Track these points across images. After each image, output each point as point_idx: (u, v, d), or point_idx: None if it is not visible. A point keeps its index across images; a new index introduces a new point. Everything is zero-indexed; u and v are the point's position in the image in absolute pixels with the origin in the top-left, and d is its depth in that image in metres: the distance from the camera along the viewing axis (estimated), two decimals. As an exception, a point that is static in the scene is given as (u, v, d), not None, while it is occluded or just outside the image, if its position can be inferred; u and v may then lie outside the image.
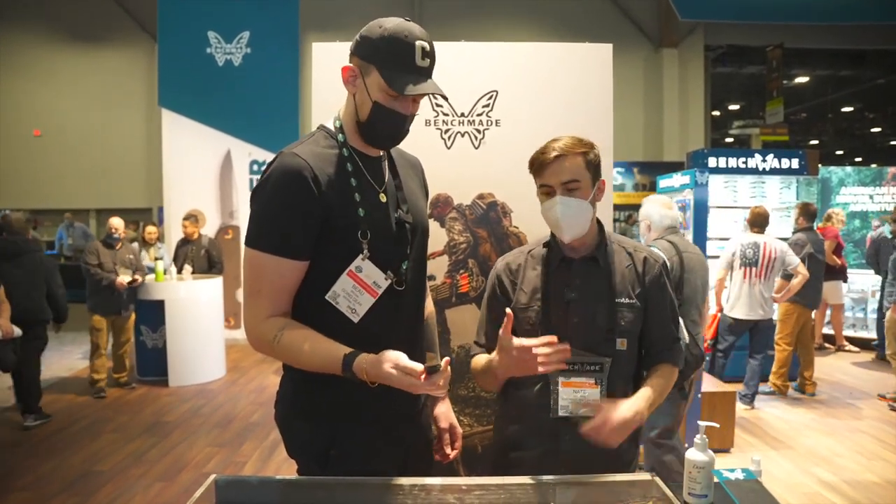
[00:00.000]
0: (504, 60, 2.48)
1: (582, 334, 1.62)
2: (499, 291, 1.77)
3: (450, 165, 2.44)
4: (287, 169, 1.40)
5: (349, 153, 1.49)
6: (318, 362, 1.39)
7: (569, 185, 1.58)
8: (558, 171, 1.59)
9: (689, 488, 1.39)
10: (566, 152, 1.58)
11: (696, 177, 4.31)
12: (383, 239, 1.47)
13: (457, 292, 2.47)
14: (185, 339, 6.30)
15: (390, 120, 1.44)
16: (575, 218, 1.59)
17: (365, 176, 1.49)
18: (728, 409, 4.42)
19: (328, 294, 1.45)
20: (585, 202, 1.60)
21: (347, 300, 1.45)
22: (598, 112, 2.49)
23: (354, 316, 1.46)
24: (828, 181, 7.74)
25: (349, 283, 1.44)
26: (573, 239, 1.63)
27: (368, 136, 1.49)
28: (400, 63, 1.39)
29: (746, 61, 14.59)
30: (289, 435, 1.56)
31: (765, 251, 5.17)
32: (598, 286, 1.66)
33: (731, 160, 6.52)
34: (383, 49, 1.39)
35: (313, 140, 1.51)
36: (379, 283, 1.46)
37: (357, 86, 1.45)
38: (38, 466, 4.19)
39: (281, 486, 1.48)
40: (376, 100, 1.42)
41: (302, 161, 1.41)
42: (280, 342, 1.40)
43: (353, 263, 1.44)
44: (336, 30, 11.34)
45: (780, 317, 5.73)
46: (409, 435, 1.63)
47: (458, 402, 2.43)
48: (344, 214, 1.43)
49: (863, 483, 3.94)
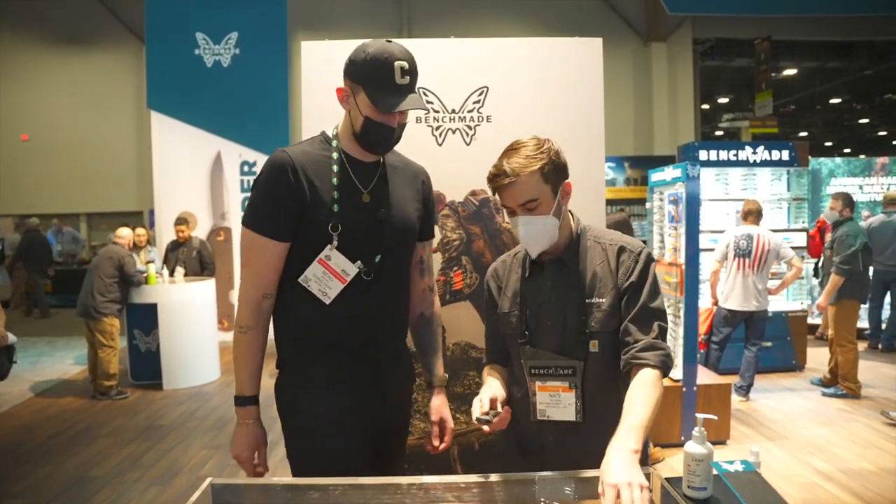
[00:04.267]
0: (494, 56, 2.47)
1: (555, 337, 1.62)
2: (488, 298, 1.81)
3: (441, 162, 2.43)
4: (273, 163, 1.64)
5: (339, 157, 1.69)
6: (238, 375, 1.70)
7: (527, 205, 1.55)
8: (514, 195, 1.55)
9: (689, 481, 1.38)
10: (518, 174, 1.51)
11: (688, 170, 4.31)
12: (356, 233, 1.66)
13: (451, 290, 2.46)
14: (179, 341, 6.27)
15: (380, 132, 1.64)
16: (539, 235, 1.58)
17: (351, 177, 1.69)
18: (724, 402, 4.43)
19: (301, 277, 1.66)
20: (548, 217, 1.56)
21: (318, 284, 1.66)
22: (590, 106, 2.49)
23: (326, 298, 1.66)
24: (818, 172, 7.77)
25: (319, 269, 1.65)
26: (540, 251, 1.62)
27: (364, 145, 1.68)
28: (382, 83, 1.58)
29: (735, 54, 14.63)
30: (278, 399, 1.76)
31: (758, 242, 5.18)
32: (568, 288, 1.62)
33: (722, 153, 6.55)
34: (367, 71, 1.58)
35: (310, 142, 1.73)
36: (347, 272, 1.66)
37: (350, 104, 1.66)
38: (31, 472, 4.16)
39: (277, 490, 1.47)
40: (367, 115, 1.62)
41: (287, 157, 1.63)
42: (239, 335, 1.68)
43: (323, 252, 1.64)
44: (324, 29, 11.31)
45: (832, 318, 5.51)
46: (380, 416, 1.76)
47: (454, 399, 2.42)
48: (320, 208, 1.63)
49: (858, 472, 3.96)
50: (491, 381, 1.69)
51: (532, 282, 1.68)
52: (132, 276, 6.00)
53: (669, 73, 13.07)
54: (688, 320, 4.41)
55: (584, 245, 1.65)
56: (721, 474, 1.47)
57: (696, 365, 4.40)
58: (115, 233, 6.28)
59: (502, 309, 1.72)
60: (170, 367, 6.22)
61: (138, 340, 6.46)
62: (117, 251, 6.01)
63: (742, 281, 5.23)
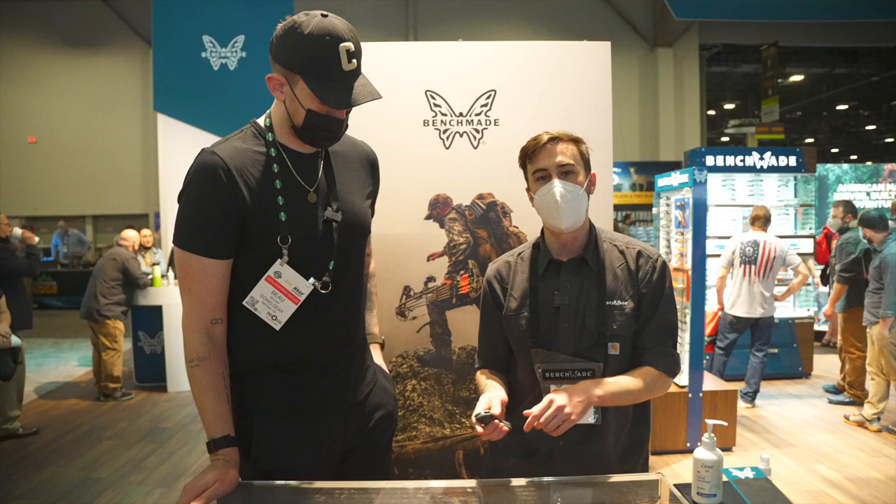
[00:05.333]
0: (502, 59, 2.47)
1: (573, 340, 1.57)
2: (490, 299, 1.71)
3: (449, 166, 2.43)
4: (202, 167, 1.38)
5: (277, 152, 1.43)
6: (203, 416, 1.38)
7: (565, 167, 1.54)
8: (553, 154, 1.55)
9: (698, 488, 1.37)
10: (560, 137, 1.56)
11: (695, 175, 4.29)
12: (307, 242, 1.42)
13: (457, 293, 2.45)
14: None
15: (326, 125, 1.39)
16: (573, 204, 1.53)
17: (293, 176, 1.44)
18: (730, 408, 4.40)
19: (246, 300, 1.41)
20: (582, 189, 1.55)
21: (267, 306, 1.41)
22: (598, 110, 2.48)
23: (276, 323, 1.41)
24: (825, 179, 7.73)
25: (268, 289, 1.40)
26: (570, 228, 1.55)
27: (306, 139, 1.44)
28: (326, 71, 1.31)
29: (741, 60, 14.64)
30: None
31: (764, 249, 5.16)
32: (588, 289, 1.58)
33: (729, 158, 6.52)
34: (306, 57, 1.31)
35: (240, 137, 1.46)
36: (300, 290, 1.41)
37: (285, 93, 1.38)
38: (35, 474, 4.16)
39: (282, 491, 1.46)
40: (309, 108, 1.36)
41: (218, 159, 1.37)
42: (191, 370, 1.39)
43: (272, 268, 1.39)
44: (331, 33, 11.33)
45: (841, 325, 5.42)
46: (346, 427, 1.55)
47: (459, 403, 2.41)
48: (263, 217, 1.39)
49: (866, 480, 3.92)
50: (495, 386, 1.61)
51: (547, 282, 1.62)
52: (137, 278, 6.00)
53: (676, 78, 13.07)
54: (694, 326, 4.38)
55: (602, 246, 1.63)
56: (731, 481, 1.45)
57: (702, 371, 4.37)
58: (120, 235, 6.30)
59: (509, 311, 1.65)
60: (174, 370, 6.21)
61: (143, 342, 6.46)
62: (121, 254, 6.01)
63: (748, 288, 5.20)
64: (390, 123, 2.38)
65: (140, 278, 6.02)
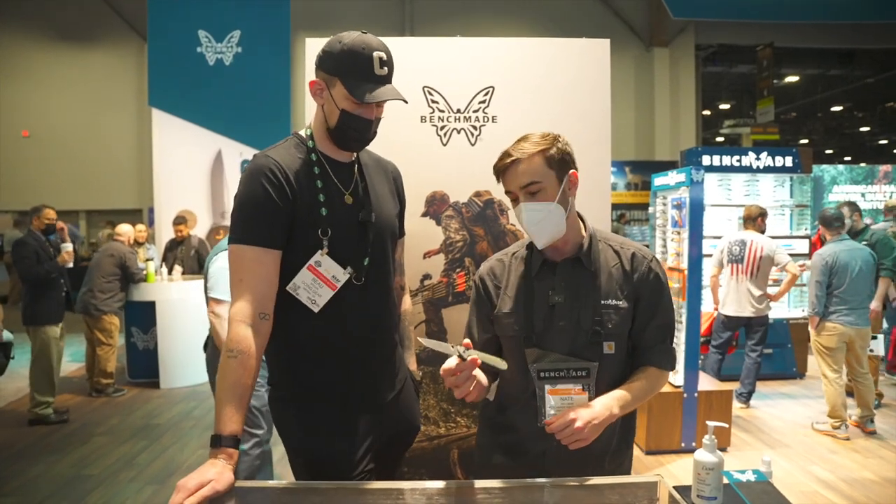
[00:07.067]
0: (500, 56, 2.45)
1: (568, 339, 1.56)
2: (484, 295, 1.70)
3: (446, 163, 2.41)
4: (257, 166, 1.56)
5: (318, 158, 1.62)
6: (219, 408, 1.43)
7: (529, 188, 1.53)
8: (515, 176, 1.54)
9: (698, 490, 1.35)
10: (521, 155, 1.53)
11: (692, 174, 4.28)
12: (345, 237, 1.60)
13: (453, 291, 2.43)
14: (177, 340, 6.22)
15: (357, 125, 1.57)
16: (543, 223, 1.53)
17: (332, 179, 1.62)
18: (725, 408, 4.39)
19: (289, 285, 1.57)
20: (552, 204, 1.53)
21: (307, 292, 1.57)
22: (596, 108, 2.47)
23: (314, 307, 1.58)
24: (820, 179, 7.74)
25: (309, 276, 1.57)
26: (548, 244, 1.57)
27: (339, 141, 1.62)
28: (360, 73, 1.52)
29: (737, 60, 14.66)
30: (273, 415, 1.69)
31: (751, 248, 5.17)
32: (583, 288, 1.58)
33: (725, 158, 6.52)
34: (344, 62, 1.52)
35: (285, 145, 1.64)
36: (338, 277, 1.58)
37: (324, 97, 1.59)
38: (25, 471, 4.12)
39: (277, 492, 1.44)
40: (343, 108, 1.55)
41: (271, 160, 1.56)
42: (228, 360, 1.45)
43: (313, 258, 1.57)
44: (327, 28, 11.22)
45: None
46: (381, 423, 1.70)
47: (455, 402, 2.39)
48: (308, 212, 1.56)
49: (860, 481, 3.92)
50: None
51: (542, 282, 1.62)
52: (135, 273, 5.98)
53: (671, 78, 13.09)
54: (690, 326, 4.37)
55: (597, 245, 1.63)
56: (732, 484, 1.44)
57: (697, 371, 4.37)
58: (115, 229, 6.26)
59: (502, 310, 1.64)
60: (167, 366, 6.19)
61: (136, 338, 6.43)
62: (118, 248, 5.98)
63: (736, 287, 5.22)
64: (387, 119, 2.34)
65: (137, 273, 6.00)
